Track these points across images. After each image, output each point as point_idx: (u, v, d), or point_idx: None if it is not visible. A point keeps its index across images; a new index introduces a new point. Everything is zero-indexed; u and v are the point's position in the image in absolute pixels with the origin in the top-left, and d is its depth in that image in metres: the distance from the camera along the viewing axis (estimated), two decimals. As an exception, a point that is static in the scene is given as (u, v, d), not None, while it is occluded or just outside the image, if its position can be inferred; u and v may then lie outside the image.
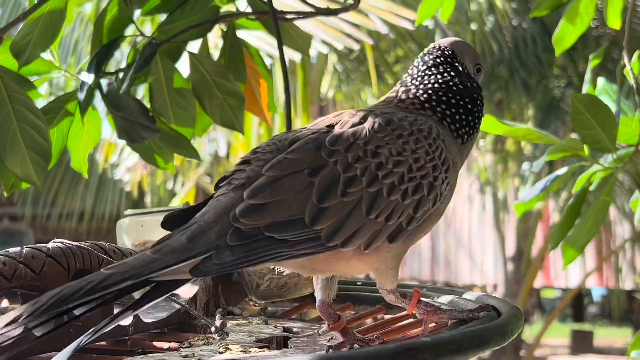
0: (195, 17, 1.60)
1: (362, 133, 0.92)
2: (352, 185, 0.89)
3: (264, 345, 1.03)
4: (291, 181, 0.88)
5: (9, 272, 0.96)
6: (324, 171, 0.89)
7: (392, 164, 0.92)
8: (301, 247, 0.87)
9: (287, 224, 0.86)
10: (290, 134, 0.95)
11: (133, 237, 1.45)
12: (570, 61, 6.68)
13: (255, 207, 0.86)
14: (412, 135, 0.95)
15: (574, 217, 1.63)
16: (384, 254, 0.93)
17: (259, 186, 0.88)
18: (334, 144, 0.91)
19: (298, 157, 0.90)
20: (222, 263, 0.84)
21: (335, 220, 0.88)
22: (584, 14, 1.87)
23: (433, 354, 0.71)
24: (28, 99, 1.43)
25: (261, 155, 0.93)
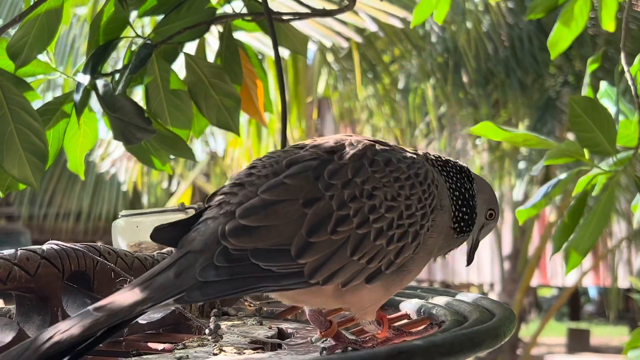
0: (191, 19, 1.60)
1: (360, 170, 0.91)
2: (343, 224, 0.88)
3: (258, 347, 1.03)
4: (285, 208, 0.87)
5: (4, 274, 0.96)
6: (318, 204, 0.88)
7: (385, 209, 0.91)
8: (284, 281, 0.86)
9: (273, 253, 0.86)
10: (289, 153, 0.94)
11: (128, 238, 1.45)
12: (567, 60, 6.68)
13: (245, 228, 0.86)
14: (408, 179, 0.94)
15: (576, 221, 1.62)
16: (362, 295, 0.93)
17: (252, 207, 0.87)
18: (332, 177, 0.90)
19: (295, 184, 0.89)
20: (207, 294, 0.84)
21: (320, 257, 0.87)
22: (578, 17, 1.88)
23: (425, 356, 0.71)
24: (25, 100, 1.43)
25: (256, 178, 0.91)
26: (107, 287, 1.10)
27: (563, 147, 1.62)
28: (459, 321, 1.00)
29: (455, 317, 1.04)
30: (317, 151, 0.93)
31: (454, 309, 1.11)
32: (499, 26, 6.50)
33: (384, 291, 0.95)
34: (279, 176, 0.90)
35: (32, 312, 1.02)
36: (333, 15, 1.82)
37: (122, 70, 1.55)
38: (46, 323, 1.01)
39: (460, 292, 1.24)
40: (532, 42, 6.54)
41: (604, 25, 1.94)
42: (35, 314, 1.02)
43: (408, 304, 1.23)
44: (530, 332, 9.25)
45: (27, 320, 1.02)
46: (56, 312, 1.02)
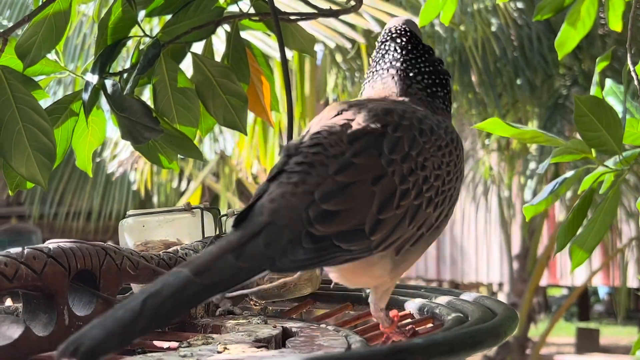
0: (199, 18, 1.61)
1: (414, 143, 0.93)
2: (404, 198, 0.91)
3: (263, 345, 1.04)
4: (359, 189, 0.88)
5: (11, 272, 0.97)
6: (383, 181, 0.90)
7: (434, 178, 0.94)
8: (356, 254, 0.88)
9: (352, 233, 0.87)
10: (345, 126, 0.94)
11: (135, 237, 1.46)
12: (576, 60, 6.67)
13: (327, 213, 0.86)
14: (447, 147, 0.97)
15: (581, 219, 1.62)
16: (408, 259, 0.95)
17: (331, 191, 0.88)
18: (392, 152, 0.91)
19: (363, 163, 0.90)
20: (296, 261, 0.84)
21: (387, 231, 0.89)
22: (585, 18, 1.87)
23: (425, 355, 0.72)
24: (33, 99, 1.44)
25: (324, 158, 0.91)
26: (114, 286, 1.11)
27: (570, 145, 1.62)
28: (460, 320, 1.01)
29: (457, 317, 1.04)
30: (371, 123, 0.94)
31: (456, 308, 1.12)
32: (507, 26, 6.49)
33: (422, 252, 0.98)
34: (345, 155, 0.91)
35: (39, 310, 1.03)
36: (340, 16, 1.82)
37: (130, 69, 1.56)
38: (52, 321, 1.02)
39: (464, 292, 1.25)
40: (541, 42, 6.53)
41: (611, 25, 1.93)
42: (42, 312, 1.03)
43: (412, 304, 1.24)
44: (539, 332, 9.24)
45: (33, 318, 1.03)
46: (62, 310, 1.03)
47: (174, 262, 1.23)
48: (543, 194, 1.66)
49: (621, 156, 1.59)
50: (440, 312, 1.11)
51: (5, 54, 1.48)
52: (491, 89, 6.66)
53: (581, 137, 1.57)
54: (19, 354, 0.97)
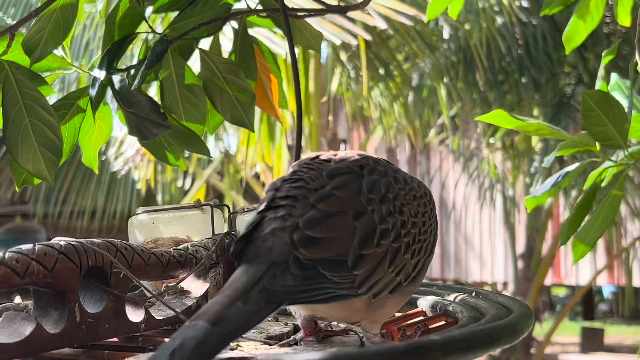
0: (206, 15, 1.60)
1: (390, 187, 0.97)
2: (384, 238, 0.94)
3: (274, 342, 1.03)
4: (340, 220, 0.92)
5: (22, 269, 0.96)
6: (364, 217, 0.93)
7: (411, 225, 0.97)
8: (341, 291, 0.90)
9: (335, 263, 0.90)
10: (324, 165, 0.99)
11: (144, 234, 1.46)
12: (581, 59, 6.66)
13: (311, 239, 0.90)
14: (422, 198, 1.02)
15: (584, 213, 1.62)
16: (385, 306, 0.97)
17: (313, 218, 0.91)
18: (370, 192, 0.95)
19: (344, 196, 0.94)
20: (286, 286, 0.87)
21: (368, 269, 0.92)
22: (594, 12, 1.87)
23: (443, 352, 0.71)
24: (40, 95, 1.43)
25: (307, 191, 0.95)
26: (124, 283, 1.10)
27: (575, 139, 1.62)
28: (475, 317, 1.00)
29: (472, 314, 1.04)
30: (349, 164, 0.99)
31: (470, 306, 1.11)
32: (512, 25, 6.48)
33: (400, 302, 1.01)
34: (325, 187, 0.95)
35: (50, 307, 1.02)
36: (348, 12, 1.81)
37: (138, 65, 1.56)
38: (63, 318, 1.01)
39: (477, 289, 1.24)
40: (546, 41, 6.52)
41: (620, 20, 1.93)
42: (53, 309, 1.02)
43: (424, 301, 1.23)
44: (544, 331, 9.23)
45: (44, 315, 1.02)
46: (73, 307, 1.02)
47: (185, 259, 1.22)
48: (545, 186, 1.65)
49: (627, 151, 1.59)
50: (453, 309, 1.11)
51: (13, 49, 1.48)
52: (496, 88, 6.65)
53: (587, 131, 1.57)
54: (30, 350, 0.96)
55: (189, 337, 0.77)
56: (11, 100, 1.41)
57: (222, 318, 0.80)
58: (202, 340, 0.77)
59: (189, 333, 0.77)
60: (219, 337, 0.78)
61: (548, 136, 1.68)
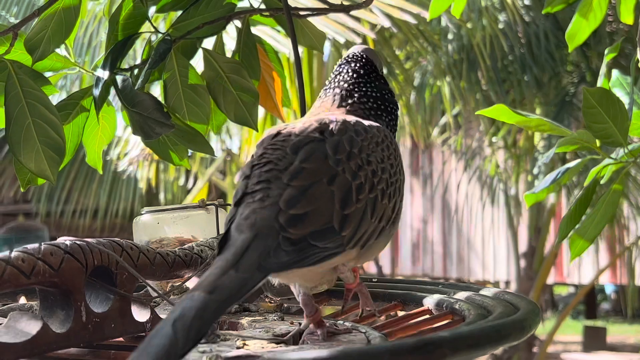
0: (209, 14, 1.60)
1: (353, 142, 1.00)
2: (360, 192, 0.97)
3: (281, 340, 1.03)
4: (317, 190, 0.94)
5: (28, 268, 0.96)
6: (338, 180, 0.96)
7: (380, 171, 1.00)
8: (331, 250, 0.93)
9: (324, 232, 0.93)
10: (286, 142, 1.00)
11: (149, 234, 1.46)
12: (583, 57, 6.66)
13: (296, 217, 0.92)
14: (384, 142, 1.05)
15: (583, 210, 1.62)
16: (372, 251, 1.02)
17: (293, 197, 0.93)
18: (336, 153, 0.98)
19: (313, 166, 0.96)
20: (280, 262, 0.89)
21: (354, 226, 0.95)
22: (597, 10, 1.86)
23: (451, 348, 0.71)
24: (42, 94, 1.43)
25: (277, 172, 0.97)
26: (130, 283, 1.10)
27: (575, 136, 1.62)
28: (482, 315, 1.00)
29: (478, 311, 1.03)
30: (308, 134, 1.00)
31: (476, 303, 1.11)
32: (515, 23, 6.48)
33: (384, 243, 1.05)
34: (294, 164, 0.96)
35: (56, 307, 1.02)
36: (351, 11, 1.81)
37: (141, 65, 1.56)
38: (70, 317, 1.01)
39: (483, 287, 1.24)
40: (548, 39, 6.52)
41: (623, 18, 1.93)
42: (59, 309, 1.02)
43: (430, 299, 1.22)
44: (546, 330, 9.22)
45: (50, 315, 1.02)
46: (79, 307, 1.02)
47: (190, 258, 1.22)
48: (545, 182, 1.66)
49: (627, 148, 1.59)
50: (460, 307, 1.10)
51: (15, 49, 1.48)
52: (498, 86, 6.65)
53: (588, 128, 1.57)
54: (36, 350, 0.96)
55: (188, 306, 0.79)
56: (14, 99, 1.41)
57: (217, 286, 0.83)
58: (201, 308, 0.79)
59: (188, 303, 0.80)
60: (217, 304, 0.81)
61: (549, 132, 1.68)
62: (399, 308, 1.30)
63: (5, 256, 0.95)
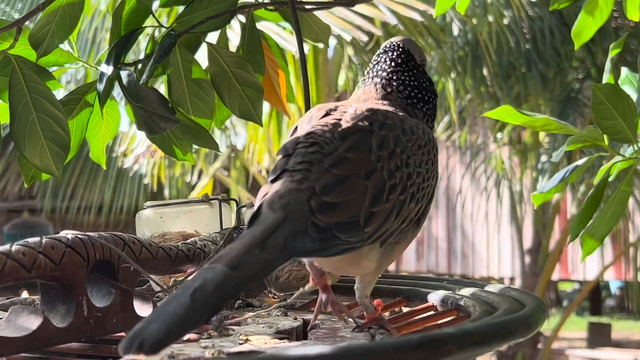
0: (213, 8, 1.59)
1: (398, 141, 1.00)
2: (392, 193, 0.97)
3: (284, 336, 1.03)
4: (354, 182, 0.95)
5: (29, 262, 0.95)
6: (375, 176, 0.96)
7: (415, 175, 1.01)
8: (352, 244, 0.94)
9: (349, 225, 0.93)
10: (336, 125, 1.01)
11: (152, 229, 1.45)
12: (589, 53, 6.64)
13: (328, 204, 0.92)
14: (426, 146, 1.05)
15: (594, 209, 1.61)
16: (392, 251, 1.02)
17: (329, 184, 0.94)
18: (380, 149, 0.98)
19: (357, 157, 0.96)
20: (305, 248, 0.90)
21: (377, 224, 0.95)
22: (603, 7, 1.85)
23: (457, 344, 0.70)
24: (47, 89, 1.43)
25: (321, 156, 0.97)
26: (132, 277, 1.10)
27: (584, 134, 1.60)
28: (488, 311, 0.99)
29: (484, 308, 1.03)
30: (359, 121, 1.01)
31: (482, 300, 1.10)
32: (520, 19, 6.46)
33: (405, 244, 1.05)
34: (338, 150, 0.97)
35: (57, 301, 1.02)
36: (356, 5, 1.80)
37: (145, 59, 1.55)
38: (71, 312, 1.01)
39: (488, 284, 1.23)
40: (553, 35, 6.50)
41: (629, 15, 1.91)
42: (60, 303, 1.01)
43: (434, 296, 1.22)
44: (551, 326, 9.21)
45: (52, 309, 1.01)
46: (81, 301, 1.02)
47: (193, 253, 1.22)
48: (553, 181, 1.64)
49: (636, 145, 1.58)
50: (465, 303, 1.10)
51: (19, 44, 1.47)
52: (503, 82, 6.63)
53: (597, 125, 1.56)
54: (37, 344, 0.96)
55: (209, 278, 0.80)
56: (18, 94, 1.41)
57: (240, 263, 0.83)
58: (221, 282, 0.80)
59: (209, 275, 0.80)
60: (237, 281, 0.81)
61: (555, 131, 1.67)
62: (403, 304, 1.29)
63: (6, 249, 0.95)
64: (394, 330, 1.06)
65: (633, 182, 1.63)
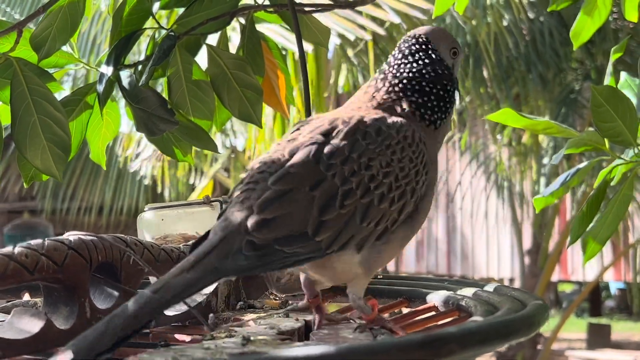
0: (213, 10, 1.59)
1: (355, 145, 0.99)
2: (348, 198, 0.97)
3: (286, 337, 1.03)
4: (295, 196, 0.95)
5: (32, 264, 0.95)
6: (323, 185, 0.96)
7: (382, 175, 1.00)
8: (304, 255, 0.95)
9: (294, 238, 0.94)
10: (290, 143, 1.02)
11: (153, 231, 1.45)
12: (588, 54, 6.64)
13: (264, 220, 0.93)
14: (398, 144, 1.02)
15: (594, 212, 1.61)
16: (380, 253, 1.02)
17: (267, 199, 0.95)
18: (330, 158, 0.98)
19: (299, 171, 0.97)
20: (238, 266, 0.92)
21: (334, 231, 0.95)
22: (601, 8, 1.85)
23: (460, 344, 0.71)
24: (48, 91, 1.43)
25: (267, 174, 0.98)
26: (135, 279, 1.10)
27: (585, 137, 1.60)
28: (489, 311, 1.00)
29: (485, 308, 1.03)
30: (313, 135, 1.01)
31: (483, 300, 1.10)
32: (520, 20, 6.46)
33: (397, 245, 1.04)
34: (284, 166, 0.97)
35: (60, 303, 1.02)
36: (356, 7, 1.80)
37: (145, 61, 1.55)
38: (73, 314, 1.01)
39: (489, 284, 1.23)
40: (553, 36, 6.51)
41: (627, 16, 1.91)
42: (63, 305, 1.02)
43: (435, 296, 1.22)
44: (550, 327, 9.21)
45: (54, 311, 1.01)
46: (83, 303, 1.02)
47: (194, 254, 1.21)
48: (554, 185, 1.64)
49: (637, 148, 1.57)
50: (466, 304, 1.10)
51: (21, 46, 1.47)
52: (503, 83, 6.64)
53: (596, 127, 1.56)
54: (40, 346, 0.96)
55: (131, 304, 0.85)
56: (19, 96, 1.41)
57: (164, 286, 0.87)
58: (140, 307, 0.85)
59: (132, 301, 0.86)
60: (157, 303, 0.86)
61: (556, 134, 1.68)
62: (404, 305, 1.29)
63: (9, 252, 0.95)
64: (397, 328, 1.06)
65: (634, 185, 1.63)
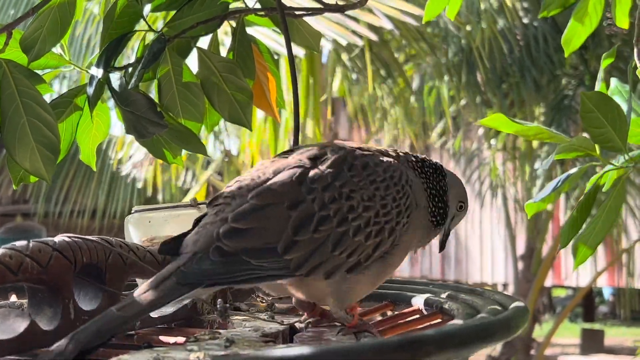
0: (204, 13, 1.60)
1: (340, 175, 1.01)
2: (323, 224, 0.98)
3: (270, 340, 1.03)
4: (272, 211, 0.97)
5: (15, 265, 0.96)
6: (301, 207, 0.98)
7: (362, 209, 1.01)
8: (272, 272, 0.96)
9: (263, 251, 0.95)
10: (275, 163, 1.04)
11: (141, 233, 1.45)
12: (582, 60, 6.66)
13: (236, 230, 0.95)
14: (383, 182, 1.04)
15: (585, 216, 1.61)
16: (348, 285, 1.03)
17: (243, 211, 0.97)
18: (313, 182, 0.99)
19: (280, 189, 0.99)
20: (202, 270, 0.93)
21: (304, 253, 0.97)
22: (592, 14, 1.86)
23: (438, 346, 0.71)
24: (37, 93, 1.43)
25: (246, 190, 1.00)
26: (119, 280, 1.10)
27: (575, 142, 1.61)
28: (471, 314, 1.00)
29: (467, 311, 1.03)
30: (302, 159, 1.03)
31: (466, 303, 1.11)
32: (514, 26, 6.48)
33: (369, 281, 1.05)
34: (266, 183, 0.99)
35: (44, 304, 1.02)
36: (346, 11, 1.81)
37: (135, 63, 1.55)
38: (57, 315, 1.01)
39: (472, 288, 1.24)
40: (547, 42, 6.52)
41: (618, 23, 1.92)
42: (47, 306, 1.02)
43: (419, 299, 1.23)
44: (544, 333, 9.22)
45: (39, 312, 1.01)
46: (68, 304, 1.02)
47: (180, 256, 1.22)
48: (546, 190, 1.65)
49: (627, 155, 1.58)
50: (449, 307, 1.11)
51: (10, 47, 1.47)
52: (497, 89, 6.65)
53: (587, 133, 1.56)
54: (24, 347, 0.96)
55: (95, 321, 0.89)
56: (9, 98, 1.41)
57: (128, 304, 0.90)
58: (104, 324, 0.88)
59: (98, 318, 0.89)
60: (120, 320, 0.89)
61: (548, 140, 1.68)
62: (390, 308, 1.30)
63: (-8, 252, 0.95)
64: (378, 334, 1.06)
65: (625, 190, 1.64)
